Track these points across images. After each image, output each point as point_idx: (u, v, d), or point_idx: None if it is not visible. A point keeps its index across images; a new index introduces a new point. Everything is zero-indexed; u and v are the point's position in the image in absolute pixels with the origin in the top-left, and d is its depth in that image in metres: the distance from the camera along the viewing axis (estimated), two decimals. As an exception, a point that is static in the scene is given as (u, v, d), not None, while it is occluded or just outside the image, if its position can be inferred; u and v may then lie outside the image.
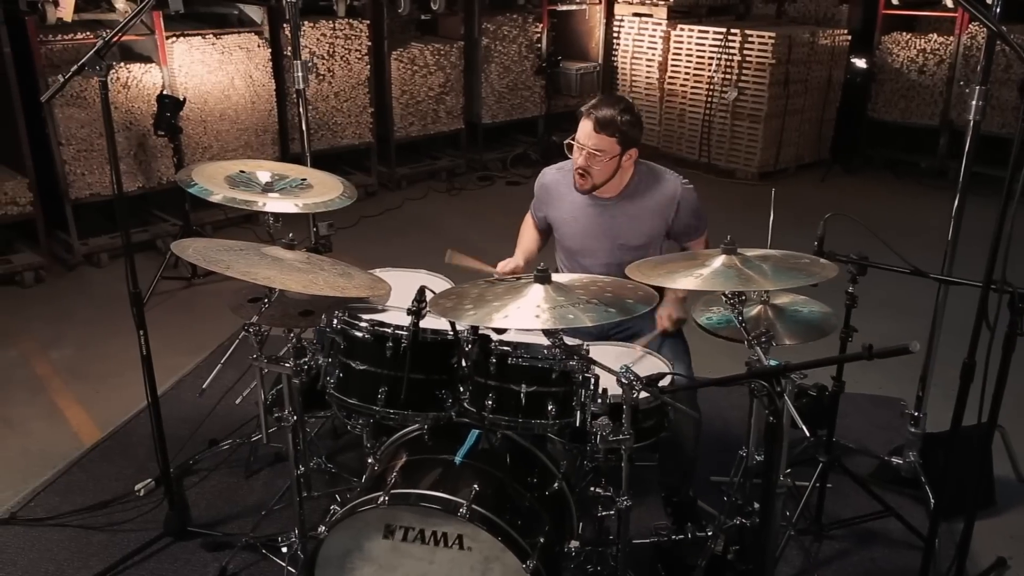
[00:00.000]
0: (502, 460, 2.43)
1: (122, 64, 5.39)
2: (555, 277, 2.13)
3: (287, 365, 2.47)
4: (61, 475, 3.43)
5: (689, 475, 2.94)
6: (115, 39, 2.44)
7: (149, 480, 3.29)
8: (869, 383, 3.98)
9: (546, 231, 3.18)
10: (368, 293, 2.44)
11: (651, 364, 2.63)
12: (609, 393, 2.27)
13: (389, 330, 2.29)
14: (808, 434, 1.92)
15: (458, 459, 2.32)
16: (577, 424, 2.27)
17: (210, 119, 5.84)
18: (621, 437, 2.16)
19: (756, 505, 2.69)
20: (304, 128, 3.48)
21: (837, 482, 3.15)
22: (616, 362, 2.12)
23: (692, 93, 7.60)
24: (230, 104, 5.91)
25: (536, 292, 2.06)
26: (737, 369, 2.15)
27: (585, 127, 2.79)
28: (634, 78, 8.08)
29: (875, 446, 3.52)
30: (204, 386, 3.04)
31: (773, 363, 1.93)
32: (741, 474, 2.67)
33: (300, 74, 3.37)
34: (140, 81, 5.43)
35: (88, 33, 5.37)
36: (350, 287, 2.42)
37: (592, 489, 2.52)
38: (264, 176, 2.93)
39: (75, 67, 2.45)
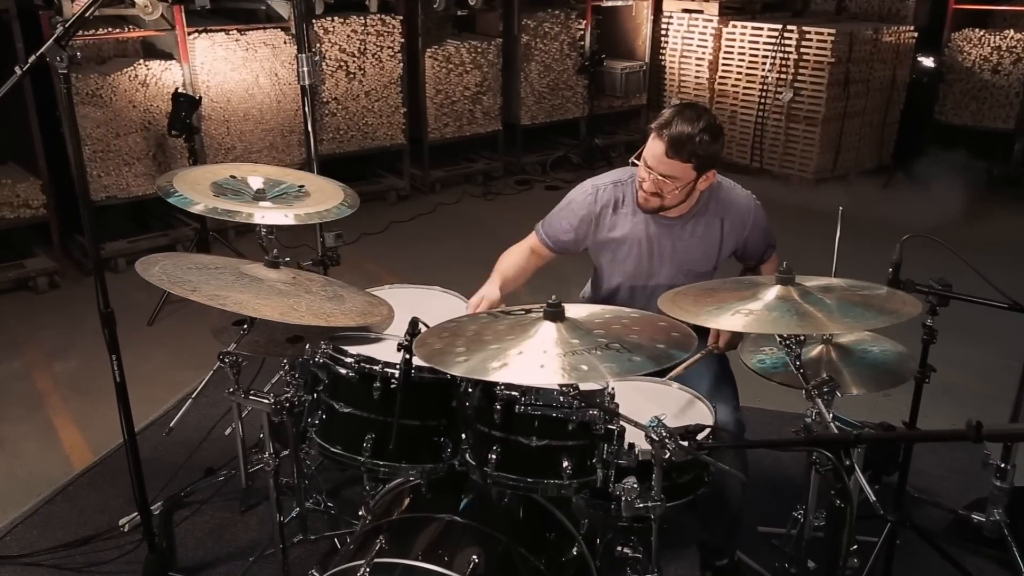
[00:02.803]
0: (510, 519, 2.08)
1: (141, 61, 5.16)
2: (571, 310, 1.75)
3: (266, 401, 2.15)
4: (44, 504, 3.16)
5: (734, 534, 2.54)
6: (75, 26, 2.13)
7: (135, 514, 3.00)
8: (940, 417, 3.53)
9: (554, 256, 2.75)
10: (359, 321, 2.11)
11: (688, 406, 2.25)
12: (637, 448, 1.90)
13: (377, 367, 1.94)
14: (882, 512, 1.53)
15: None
16: (599, 484, 1.91)
17: (233, 119, 5.58)
18: (650, 504, 1.79)
19: (812, 564, 2.30)
20: (310, 129, 3.16)
21: (905, 537, 2.73)
22: (647, 400, 1.75)
23: (744, 94, 7.17)
24: (254, 103, 5.64)
25: (545, 332, 1.68)
26: (792, 400, 1.76)
27: (655, 149, 2.37)
28: (683, 78, 7.66)
29: (949, 496, 3.08)
30: (171, 424, 2.75)
31: (839, 422, 1.54)
32: (796, 534, 2.28)
33: (306, 69, 3.05)
34: (159, 79, 5.19)
35: (109, 28, 5.17)
36: (337, 314, 2.08)
37: (619, 549, 2.15)
38: (256, 182, 2.61)
39: (32, 56, 2.14)
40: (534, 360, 1.57)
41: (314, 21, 5.79)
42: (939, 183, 6.78)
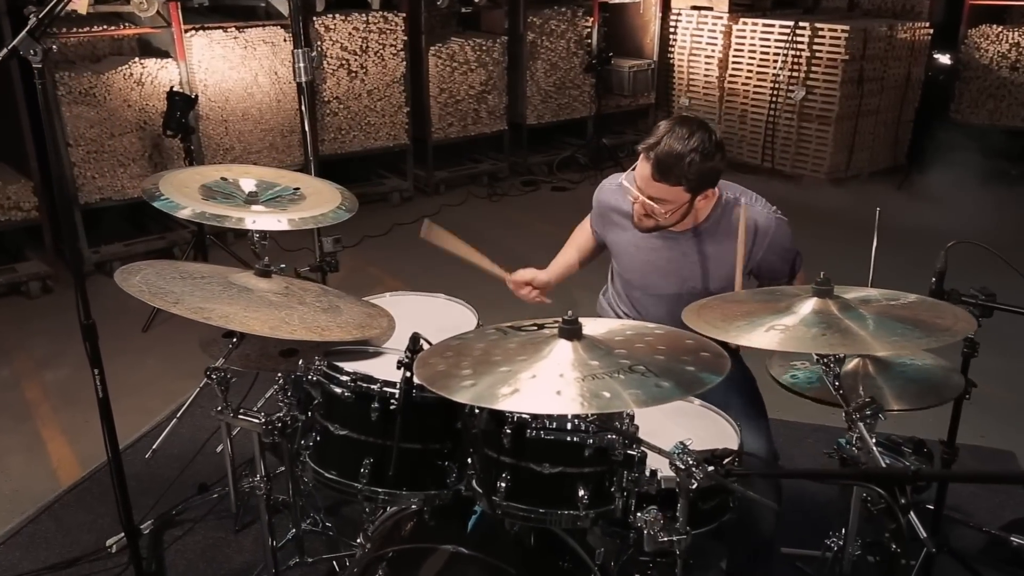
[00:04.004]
0: (519, 549, 1.92)
1: (136, 59, 5.00)
2: (588, 326, 1.58)
3: (256, 421, 1.99)
4: (28, 523, 3.01)
5: (765, 563, 2.36)
6: (49, 16, 1.98)
7: (123, 535, 2.84)
8: (968, 430, 3.35)
9: (603, 247, 2.63)
10: (357, 335, 1.95)
11: (713, 426, 2.08)
12: (660, 474, 1.74)
13: (375, 387, 1.79)
14: (933, 549, 1.36)
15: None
16: (618, 514, 1.75)
17: (231, 119, 5.43)
18: (675, 538, 1.63)
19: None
20: (307, 128, 3.01)
21: (941, 562, 2.56)
22: (665, 417, 1.59)
23: (755, 92, 7.00)
24: (253, 103, 5.49)
25: (560, 352, 1.52)
26: (812, 411, 1.59)
27: (643, 170, 2.19)
28: (692, 76, 7.49)
29: (982, 514, 2.91)
30: (154, 446, 2.61)
31: (887, 456, 1.37)
32: (831, 562, 2.11)
33: (302, 64, 2.90)
34: (155, 77, 5.04)
35: (104, 26, 5.02)
36: (333, 327, 1.93)
37: (637, 576, 2.00)
38: (248, 184, 2.46)
39: (3, 50, 1.99)
40: (549, 385, 1.40)
41: (315, 19, 5.64)
42: (956, 184, 6.61)
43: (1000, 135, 6.76)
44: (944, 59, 6.74)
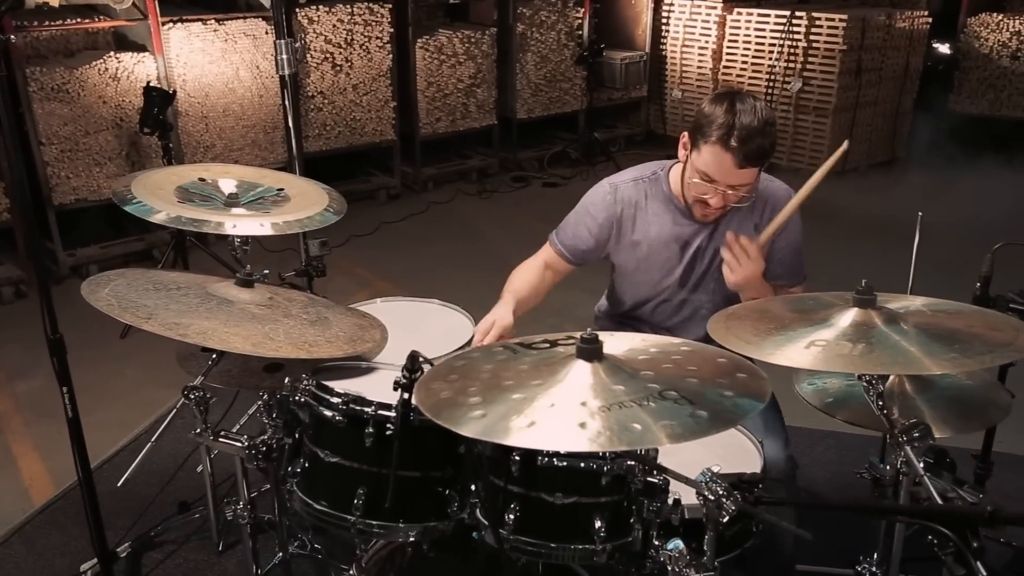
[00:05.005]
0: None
1: (112, 53, 4.80)
2: (608, 345, 1.41)
3: (239, 444, 1.82)
4: (-3, 547, 2.83)
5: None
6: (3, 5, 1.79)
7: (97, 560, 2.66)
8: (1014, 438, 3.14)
9: (572, 269, 2.42)
10: (347, 350, 1.78)
11: (731, 441, 1.92)
12: (683, 504, 1.58)
13: (370, 410, 1.61)
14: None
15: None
16: (638, 547, 1.59)
17: (212, 115, 5.23)
18: (703, 575, 1.47)
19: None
20: (291, 125, 2.83)
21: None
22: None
23: (750, 84, 6.84)
24: (235, 98, 5.29)
25: (579, 375, 1.34)
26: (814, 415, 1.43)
27: (723, 162, 2.02)
28: (684, 68, 7.34)
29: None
30: (127, 475, 2.45)
31: (950, 489, 1.21)
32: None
33: (285, 56, 2.72)
34: (132, 72, 4.83)
35: (77, 19, 4.80)
36: (321, 342, 1.75)
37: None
38: (228, 186, 2.28)
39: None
40: (570, 416, 1.23)
41: (298, 11, 5.45)
42: (956, 177, 6.47)
43: (1000, 125, 6.64)
44: (943, 48, 6.62)
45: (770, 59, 6.64)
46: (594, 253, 2.35)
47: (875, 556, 1.85)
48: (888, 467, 1.69)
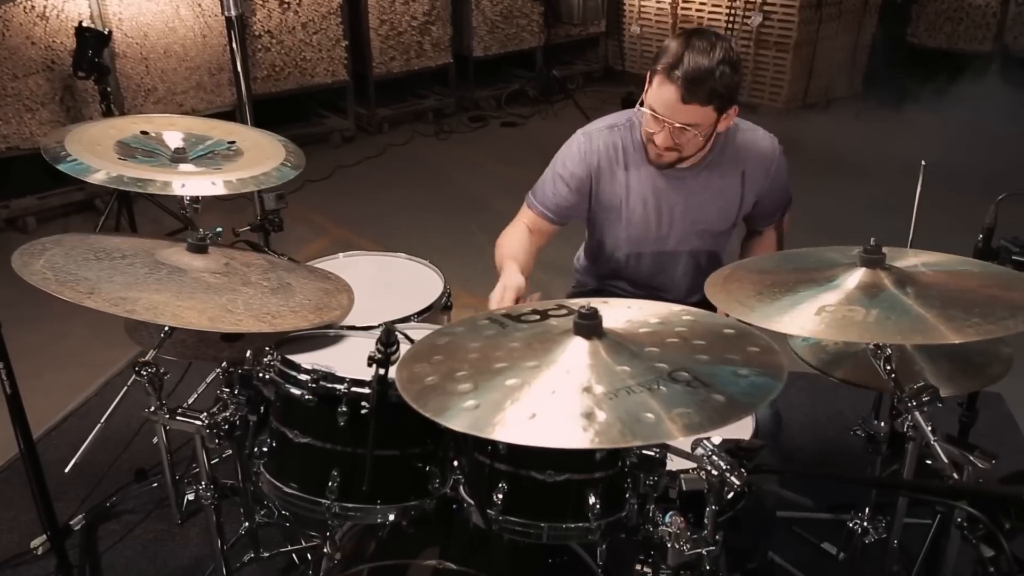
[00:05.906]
0: (514, 559, 1.67)
1: (37, -11, 4.48)
2: (608, 318, 1.29)
3: (198, 423, 1.69)
4: (-60, 525, 2.68)
5: (770, 533, 2.20)
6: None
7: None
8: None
9: (557, 229, 2.30)
10: (314, 320, 1.65)
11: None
12: (681, 478, 1.49)
13: (342, 387, 1.49)
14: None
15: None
16: (632, 522, 1.51)
17: (152, 56, 4.94)
18: (704, 550, 1.40)
19: None
20: (239, 67, 2.63)
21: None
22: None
23: (710, 19, 6.70)
24: (176, 38, 5.00)
25: (577, 354, 1.22)
26: None
27: (666, 95, 1.94)
28: (643, 3, 7.15)
29: None
30: (75, 460, 2.32)
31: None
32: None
33: (230, -4, 2.51)
34: (61, 11, 4.51)
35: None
36: (285, 312, 1.62)
37: (638, 568, 1.77)
38: (174, 139, 2.10)
39: None
40: (572, 404, 1.11)
41: (239, -58, 5.13)
42: (915, 111, 6.43)
43: (957, 59, 6.59)
44: (902, -20, 6.51)
45: (731, -8, 6.48)
46: (577, 209, 2.24)
47: (867, 511, 1.80)
48: (883, 424, 1.64)
